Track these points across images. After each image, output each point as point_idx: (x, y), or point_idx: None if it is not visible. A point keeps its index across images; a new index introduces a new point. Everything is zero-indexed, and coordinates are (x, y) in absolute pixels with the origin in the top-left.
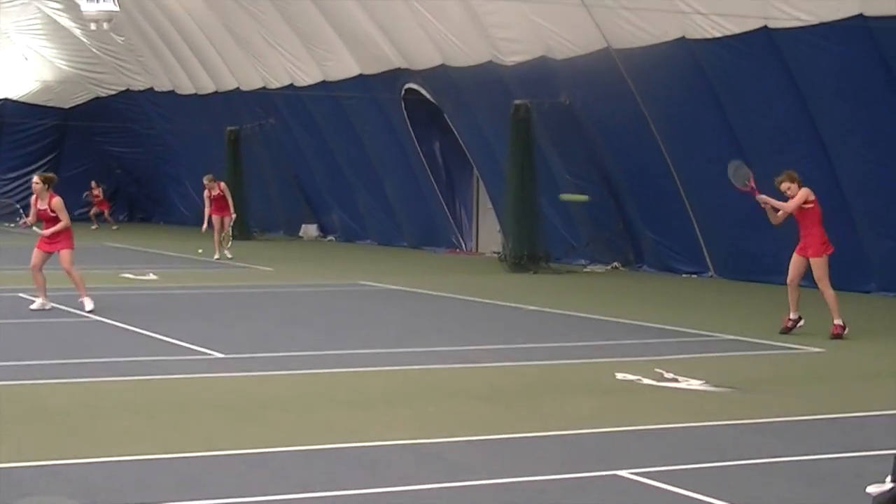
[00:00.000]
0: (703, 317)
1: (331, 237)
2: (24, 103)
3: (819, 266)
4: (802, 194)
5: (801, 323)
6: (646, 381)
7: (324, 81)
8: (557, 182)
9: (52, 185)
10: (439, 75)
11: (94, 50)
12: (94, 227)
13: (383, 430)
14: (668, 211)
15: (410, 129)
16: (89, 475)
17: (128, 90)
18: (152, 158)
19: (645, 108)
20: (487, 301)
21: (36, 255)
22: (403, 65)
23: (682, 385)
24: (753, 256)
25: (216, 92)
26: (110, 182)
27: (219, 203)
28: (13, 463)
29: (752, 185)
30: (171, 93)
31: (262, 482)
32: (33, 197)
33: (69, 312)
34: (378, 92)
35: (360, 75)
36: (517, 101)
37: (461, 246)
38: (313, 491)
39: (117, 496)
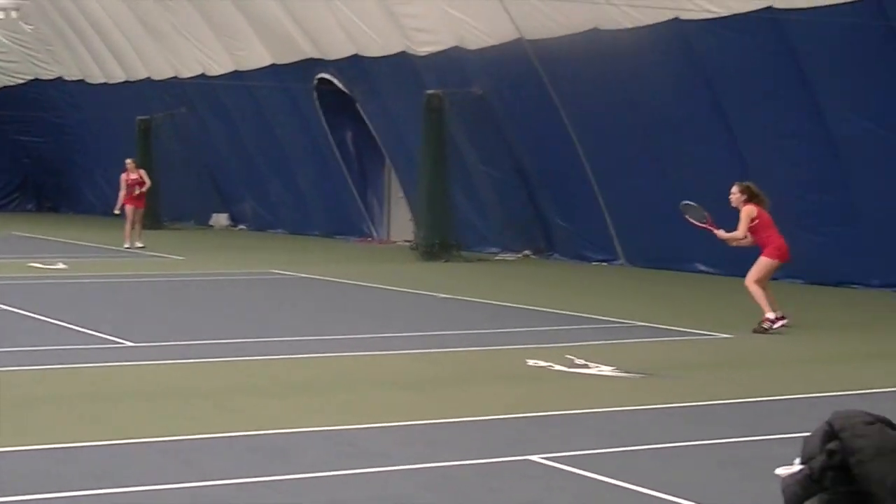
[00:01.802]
0: (613, 304)
1: (242, 226)
2: None
3: (760, 263)
4: (744, 215)
5: (786, 321)
6: (557, 367)
7: (236, 71)
8: (470, 171)
9: None
10: (352, 65)
11: (2, 39)
12: None
13: (298, 417)
14: (580, 200)
15: (323, 119)
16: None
17: (36, 79)
18: (61, 148)
19: (557, 98)
20: (400, 289)
21: None
22: (316, 55)
23: (593, 371)
24: (662, 244)
25: (127, 81)
26: (18, 172)
27: (134, 191)
28: None
29: (710, 222)
30: (81, 82)
31: (175, 470)
32: None
33: None
34: (290, 81)
35: (273, 65)
36: (430, 91)
37: (373, 235)
38: (228, 478)
39: (29, 486)
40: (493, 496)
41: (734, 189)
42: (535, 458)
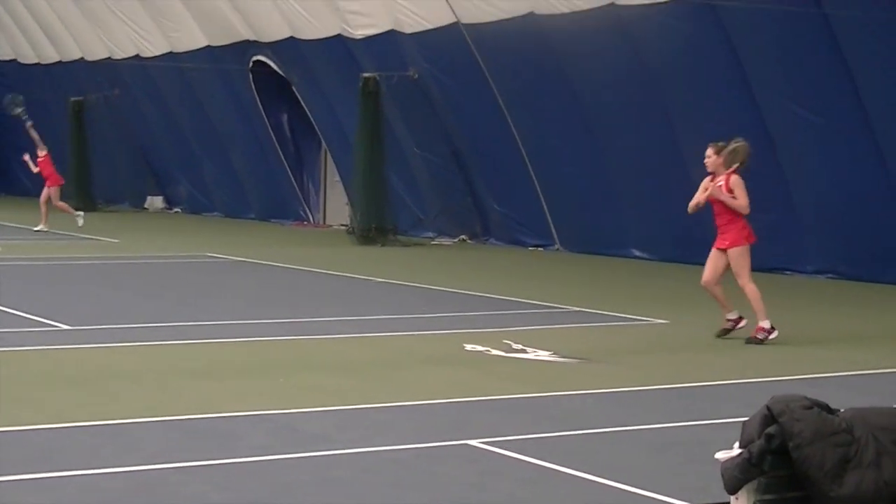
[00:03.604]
0: (549, 289)
1: (177, 209)
2: None
3: (736, 258)
4: (739, 184)
5: (743, 323)
6: (494, 352)
7: (171, 52)
8: (406, 156)
9: None
10: (288, 48)
11: None
12: None
13: (235, 401)
14: (515, 185)
15: (258, 102)
16: None
17: None
18: None
19: (493, 82)
20: (336, 273)
21: None
22: (252, 37)
23: (531, 356)
24: (598, 230)
25: (60, 62)
26: None
27: (45, 171)
28: None
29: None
30: (14, 62)
31: (113, 454)
32: None
33: None
34: (226, 63)
35: (208, 47)
36: (366, 75)
37: (309, 218)
38: (166, 462)
39: None
40: (433, 480)
41: (709, 151)
42: (473, 442)
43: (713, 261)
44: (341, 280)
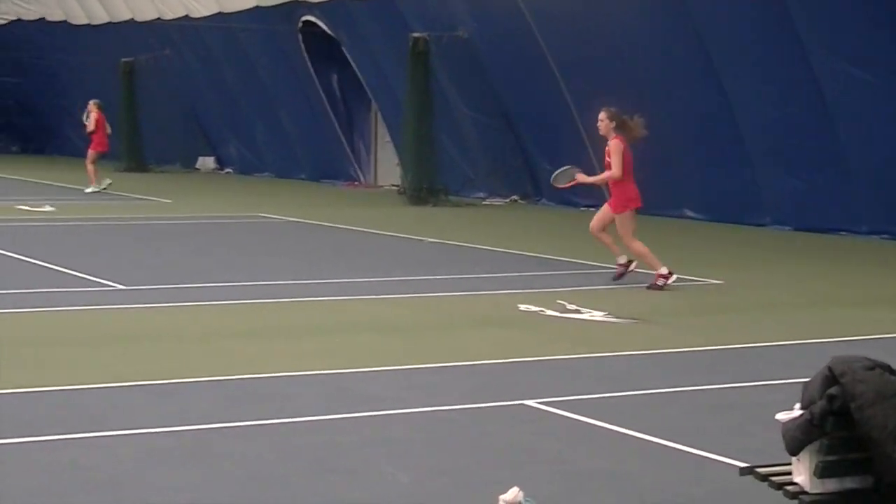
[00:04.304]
0: (602, 249)
1: (228, 170)
2: None
3: (619, 221)
4: (616, 149)
5: (634, 265)
6: (548, 312)
7: (219, 13)
8: (456, 116)
9: None
10: (337, 8)
11: None
12: None
13: (289, 361)
14: (567, 144)
15: (308, 62)
16: None
17: (19, 20)
18: (44, 90)
19: (544, 42)
20: (388, 233)
21: None
22: None
23: (585, 316)
24: (650, 189)
25: (110, 22)
26: (1, 113)
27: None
28: None
29: (578, 176)
30: (64, 23)
31: (169, 413)
32: None
33: None
34: (275, 24)
35: (257, 7)
36: (415, 35)
37: (360, 179)
38: (221, 422)
39: (27, 428)
40: (488, 440)
41: (602, 115)
42: (529, 402)
43: (602, 213)
44: (393, 240)
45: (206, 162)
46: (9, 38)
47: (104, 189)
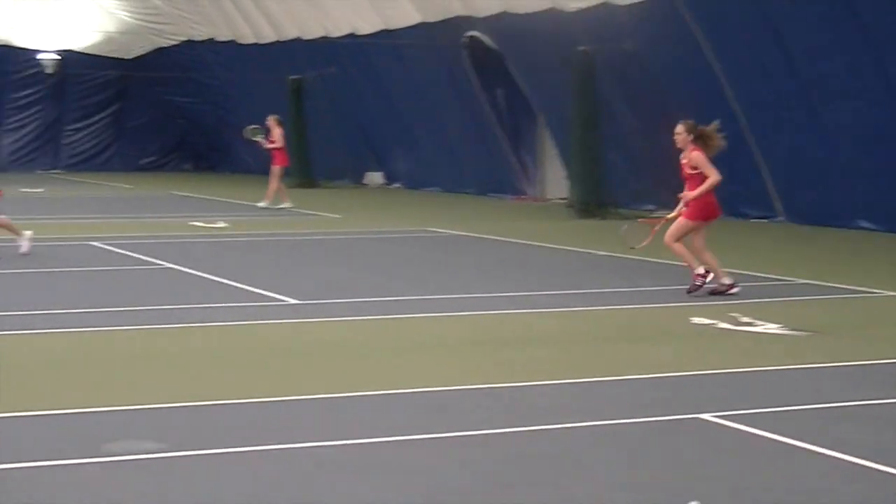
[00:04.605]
0: (774, 261)
1: (396, 185)
2: (86, 54)
3: (684, 225)
4: (703, 161)
5: (710, 277)
6: (722, 325)
7: (384, 29)
8: (622, 127)
9: None
10: (501, 22)
11: (157, 1)
12: None
13: (461, 374)
14: (736, 156)
15: (473, 77)
16: (176, 420)
17: (189, 40)
18: (215, 108)
19: (711, 53)
20: (557, 247)
21: None
22: (465, 12)
23: (759, 329)
24: (823, 201)
25: (277, 41)
26: (174, 132)
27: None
28: (102, 407)
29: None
30: (232, 42)
31: (344, 427)
32: None
33: (140, 260)
34: (439, 40)
35: (422, 23)
36: (580, 48)
37: (528, 192)
38: (389, 436)
39: (204, 441)
40: (665, 454)
41: (679, 128)
42: (706, 416)
43: (684, 227)
44: (563, 253)
45: (374, 177)
46: (180, 58)
47: (283, 208)
